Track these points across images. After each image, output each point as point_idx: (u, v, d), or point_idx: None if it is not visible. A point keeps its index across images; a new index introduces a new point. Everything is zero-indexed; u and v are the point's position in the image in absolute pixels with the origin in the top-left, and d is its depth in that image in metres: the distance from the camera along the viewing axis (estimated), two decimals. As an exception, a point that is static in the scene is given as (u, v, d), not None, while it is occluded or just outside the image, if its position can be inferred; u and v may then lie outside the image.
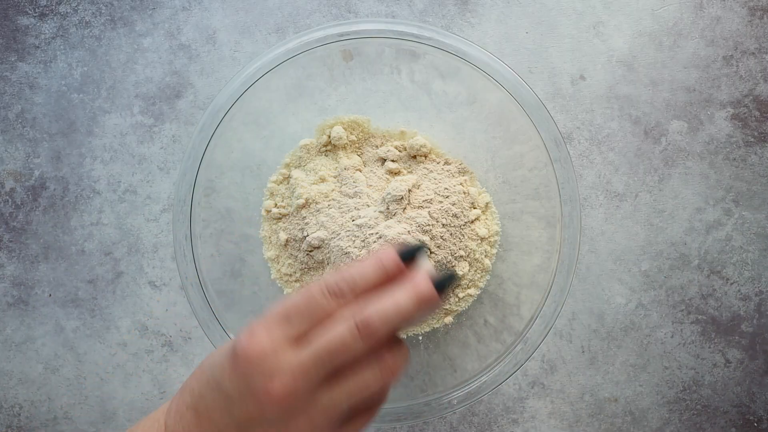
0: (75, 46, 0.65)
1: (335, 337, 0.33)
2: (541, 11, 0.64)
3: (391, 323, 0.33)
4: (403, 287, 0.34)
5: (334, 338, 0.33)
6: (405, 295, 0.34)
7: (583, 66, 0.64)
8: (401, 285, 0.35)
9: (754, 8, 0.64)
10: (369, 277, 0.35)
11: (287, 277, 0.58)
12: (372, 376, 0.34)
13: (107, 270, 0.64)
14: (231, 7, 0.65)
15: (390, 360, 0.35)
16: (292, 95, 0.57)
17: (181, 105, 0.65)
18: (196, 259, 0.53)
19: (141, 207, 0.64)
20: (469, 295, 0.57)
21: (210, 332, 0.52)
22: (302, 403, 0.33)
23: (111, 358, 0.64)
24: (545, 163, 0.53)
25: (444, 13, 0.65)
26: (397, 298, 0.34)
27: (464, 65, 0.53)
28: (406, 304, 0.34)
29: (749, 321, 0.63)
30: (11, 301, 0.64)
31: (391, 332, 0.34)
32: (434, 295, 0.35)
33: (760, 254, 0.63)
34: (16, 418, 0.64)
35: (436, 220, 0.54)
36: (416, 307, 0.34)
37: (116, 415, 0.63)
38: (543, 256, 0.55)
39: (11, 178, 0.65)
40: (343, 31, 0.53)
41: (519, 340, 0.52)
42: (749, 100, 0.64)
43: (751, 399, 0.63)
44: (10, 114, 0.65)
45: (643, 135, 0.64)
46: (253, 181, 0.59)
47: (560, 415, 0.63)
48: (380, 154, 0.58)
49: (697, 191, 0.64)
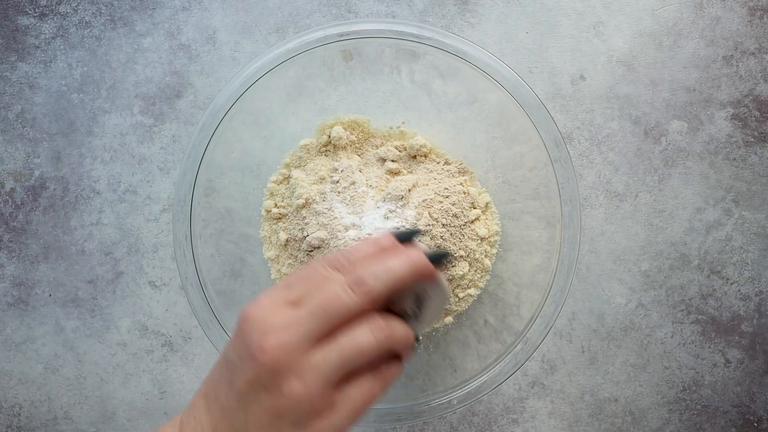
0: (75, 46, 0.65)
1: (329, 293, 0.34)
2: (541, 11, 0.64)
3: (383, 281, 0.35)
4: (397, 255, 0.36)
5: (328, 295, 0.34)
6: (398, 260, 0.36)
7: (583, 66, 0.64)
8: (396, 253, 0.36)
9: (754, 8, 0.64)
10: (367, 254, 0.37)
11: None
12: (363, 335, 0.34)
13: (107, 270, 0.64)
14: (231, 7, 0.65)
15: (382, 323, 0.35)
16: (292, 95, 0.57)
17: (181, 105, 0.65)
18: (196, 259, 0.53)
19: (141, 207, 0.64)
20: (469, 295, 0.57)
21: (210, 332, 0.52)
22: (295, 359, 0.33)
23: (111, 358, 0.64)
24: (545, 163, 0.53)
25: (444, 13, 0.65)
26: (389, 261, 0.36)
27: (464, 65, 0.53)
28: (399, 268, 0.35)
29: (749, 321, 0.63)
30: (11, 301, 0.64)
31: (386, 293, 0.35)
32: (427, 264, 0.36)
33: (760, 254, 0.63)
34: (16, 418, 0.64)
35: (436, 220, 0.54)
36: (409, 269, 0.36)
37: (116, 415, 0.63)
38: (543, 256, 0.55)
39: (11, 178, 0.65)
40: (343, 31, 0.53)
41: (519, 340, 0.52)
42: (749, 100, 0.64)
43: (751, 399, 0.63)
44: (10, 114, 0.65)
45: (643, 135, 0.64)
46: (253, 181, 0.59)
47: (560, 415, 0.63)
48: (380, 154, 0.58)
49: (697, 191, 0.64)
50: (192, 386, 0.63)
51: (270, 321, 0.34)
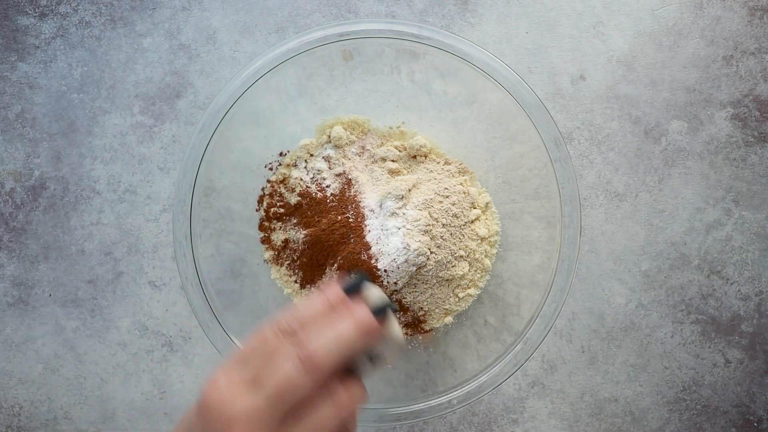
0: (75, 46, 0.65)
1: (283, 376, 0.34)
2: (541, 11, 0.64)
3: (334, 353, 0.35)
4: (344, 318, 0.37)
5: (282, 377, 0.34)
6: (345, 325, 0.36)
7: (583, 66, 0.64)
8: (342, 317, 0.37)
9: (754, 8, 0.64)
10: (316, 314, 0.38)
11: (287, 277, 0.58)
12: (327, 412, 0.35)
13: (107, 270, 0.64)
14: (231, 7, 0.65)
15: (343, 394, 0.36)
16: (292, 95, 0.57)
17: (181, 105, 0.65)
18: (196, 259, 0.53)
19: (141, 207, 0.64)
20: (469, 295, 0.57)
21: (210, 332, 0.52)
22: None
23: (111, 358, 0.64)
24: (545, 163, 0.53)
25: (444, 13, 0.65)
26: (337, 328, 0.36)
27: (464, 65, 0.53)
28: (347, 333, 0.36)
29: (749, 321, 0.63)
30: (11, 301, 0.64)
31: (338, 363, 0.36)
32: (373, 322, 0.37)
33: (760, 254, 0.63)
34: (16, 418, 0.64)
35: (436, 220, 0.54)
36: (356, 335, 0.36)
37: (116, 415, 0.63)
38: (543, 256, 0.55)
39: (11, 178, 0.65)
40: (343, 31, 0.53)
41: (519, 340, 0.52)
42: (749, 100, 0.64)
43: (751, 399, 0.63)
44: (10, 114, 0.65)
45: (643, 135, 0.64)
46: (253, 181, 0.59)
47: (560, 415, 0.63)
48: (380, 154, 0.58)
49: (697, 191, 0.64)
50: (192, 386, 0.63)
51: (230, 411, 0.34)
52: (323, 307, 0.38)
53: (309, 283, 0.57)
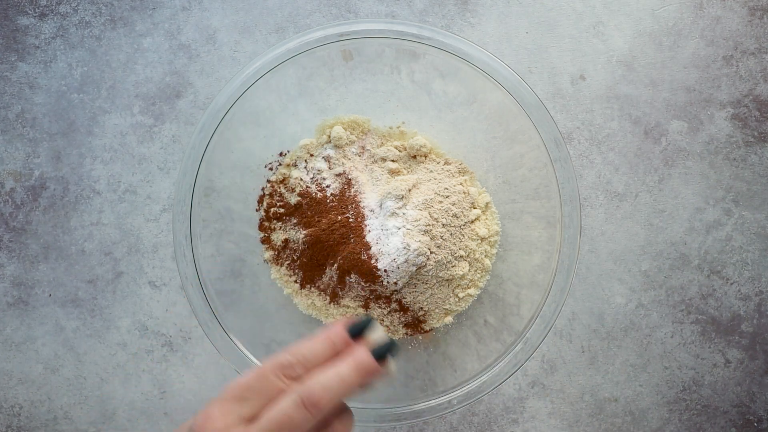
0: (75, 46, 0.65)
1: (282, 413, 0.35)
2: (541, 11, 0.64)
3: (334, 395, 0.36)
4: (346, 360, 0.38)
5: (282, 415, 0.35)
6: (347, 367, 0.37)
7: (583, 66, 0.64)
8: (344, 358, 0.38)
9: (754, 8, 0.64)
10: (318, 353, 0.38)
11: (287, 277, 0.58)
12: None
13: (107, 270, 0.64)
14: (231, 7, 0.65)
15: (339, 428, 0.37)
16: (292, 95, 0.57)
17: (181, 105, 0.65)
18: (196, 259, 0.53)
19: (141, 207, 0.64)
20: (469, 295, 0.57)
21: (210, 332, 0.52)
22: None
23: (111, 358, 0.64)
24: (545, 163, 0.53)
25: (444, 13, 0.65)
26: (339, 370, 0.37)
27: (464, 65, 0.53)
28: (348, 376, 0.37)
29: (749, 321, 0.63)
30: (11, 301, 0.64)
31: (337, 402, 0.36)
32: (374, 365, 0.38)
33: (760, 254, 0.63)
34: (16, 418, 0.64)
35: (436, 220, 0.54)
36: (357, 377, 0.37)
37: (116, 415, 0.63)
38: (543, 256, 0.55)
39: (11, 178, 0.65)
40: (343, 31, 0.53)
41: (519, 340, 0.52)
42: (749, 100, 0.64)
43: (751, 399, 0.63)
44: (10, 114, 0.65)
45: (643, 135, 0.64)
46: (253, 181, 0.59)
47: (560, 415, 0.63)
48: (380, 154, 0.58)
49: (697, 191, 0.64)
50: (192, 386, 0.63)
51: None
52: (326, 346, 0.39)
53: (309, 283, 0.57)
